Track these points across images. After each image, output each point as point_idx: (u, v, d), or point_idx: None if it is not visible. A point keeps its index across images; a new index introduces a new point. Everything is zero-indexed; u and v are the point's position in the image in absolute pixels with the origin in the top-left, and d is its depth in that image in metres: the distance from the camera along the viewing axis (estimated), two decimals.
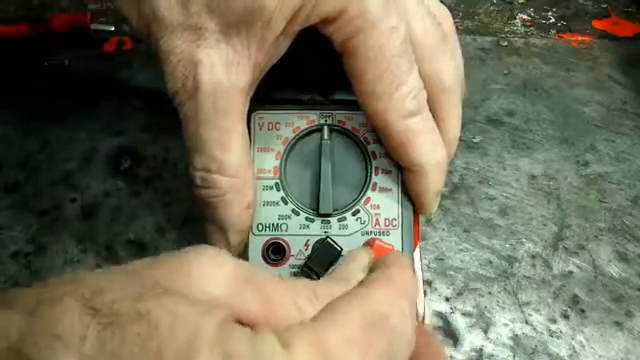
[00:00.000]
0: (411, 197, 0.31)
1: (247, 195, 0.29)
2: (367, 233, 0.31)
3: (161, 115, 0.47)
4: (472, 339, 0.38)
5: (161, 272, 0.20)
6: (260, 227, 0.31)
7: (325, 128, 0.31)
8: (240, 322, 0.20)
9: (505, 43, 0.54)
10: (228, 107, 0.27)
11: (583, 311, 0.39)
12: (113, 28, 0.52)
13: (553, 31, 0.55)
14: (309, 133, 0.32)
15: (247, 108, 0.29)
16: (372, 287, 0.23)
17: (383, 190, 0.31)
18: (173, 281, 0.20)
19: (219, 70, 0.27)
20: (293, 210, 0.31)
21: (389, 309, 0.22)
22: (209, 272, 0.21)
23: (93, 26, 0.51)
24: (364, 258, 0.27)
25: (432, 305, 0.39)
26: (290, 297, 0.22)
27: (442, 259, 0.41)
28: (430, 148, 0.30)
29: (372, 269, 0.27)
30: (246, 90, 0.28)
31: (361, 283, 0.24)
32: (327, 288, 0.24)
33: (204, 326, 0.18)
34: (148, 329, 0.18)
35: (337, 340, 0.20)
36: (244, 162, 0.28)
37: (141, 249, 0.41)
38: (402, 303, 0.23)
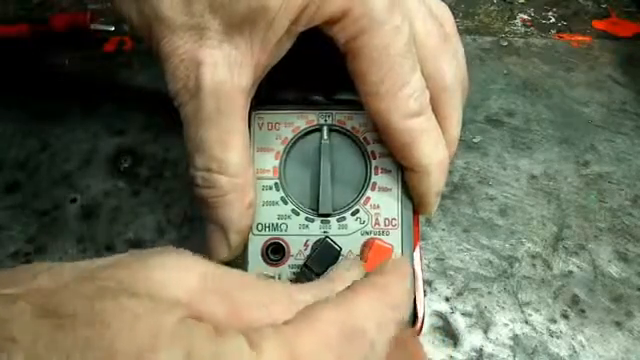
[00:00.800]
0: (412, 197, 0.31)
1: (248, 195, 0.29)
2: (367, 233, 0.31)
3: (161, 115, 0.47)
4: (472, 339, 0.38)
5: (123, 273, 0.20)
6: (260, 227, 0.31)
7: (324, 128, 0.31)
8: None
9: (505, 43, 0.54)
10: (230, 107, 0.27)
11: (583, 311, 0.39)
12: (113, 28, 0.52)
13: (553, 31, 0.55)
14: (309, 133, 0.32)
15: (248, 108, 0.29)
16: (356, 294, 0.23)
17: (383, 190, 0.31)
18: (135, 283, 0.20)
19: (222, 70, 0.27)
20: (293, 210, 0.31)
21: (369, 321, 0.22)
22: (173, 276, 0.20)
23: (93, 26, 0.51)
24: (357, 270, 0.27)
25: (432, 305, 0.39)
26: (261, 302, 0.22)
27: (442, 259, 0.41)
28: (432, 148, 0.30)
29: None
30: (248, 90, 0.28)
31: (347, 288, 0.24)
32: (308, 293, 0.23)
33: (164, 324, 0.18)
34: (100, 329, 0.18)
35: (309, 346, 0.20)
36: (245, 162, 0.28)
37: (141, 249, 0.41)
38: (386, 315, 0.23)
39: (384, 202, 0.31)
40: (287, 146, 0.32)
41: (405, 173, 0.31)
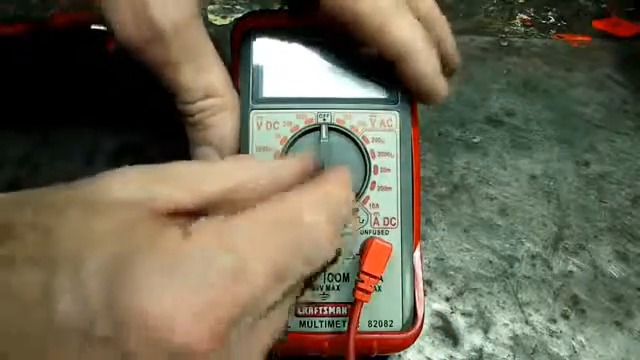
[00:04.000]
0: (415, 90, 0.31)
1: (236, 110, 0.30)
2: (366, 232, 0.31)
3: (162, 114, 0.47)
4: (472, 339, 0.38)
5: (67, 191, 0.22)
6: None
7: (323, 127, 0.31)
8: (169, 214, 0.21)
9: (505, 43, 0.54)
10: (193, 37, 0.28)
11: (583, 311, 0.39)
12: None
13: (553, 31, 0.55)
14: (307, 132, 0.32)
15: (203, 26, 0.29)
16: (295, 193, 0.23)
17: (382, 189, 0.31)
18: (80, 194, 0.21)
19: (171, 6, 0.27)
20: None
21: (309, 213, 0.22)
22: (114, 178, 0.22)
23: (93, 26, 0.51)
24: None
25: (432, 305, 0.39)
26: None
27: (442, 259, 0.41)
28: (409, 25, 0.29)
29: None
30: (199, 13, 0.28)
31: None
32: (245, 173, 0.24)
33: (95, 227, 0.19)
34: (43, 236, 0.19)
35: (242, 234, 0.21)
36: (227, 78, 0.29)
37: None
38: (326, 211, 0.23)
39: (383, 201, 0.31)
40: (286, 145, 0.31)
41: (398, 70, 0.30)
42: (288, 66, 0.32)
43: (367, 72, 0.32)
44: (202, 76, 0.28)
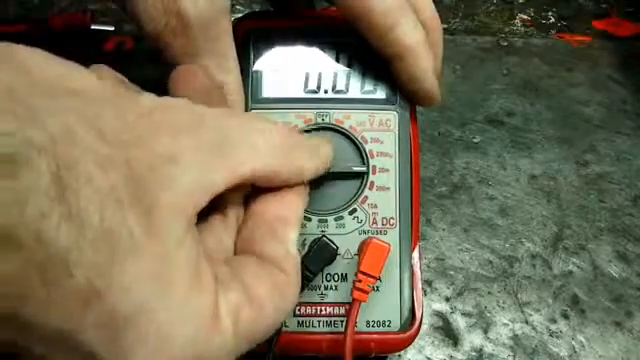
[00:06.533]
0: (414, 90, 0.31)
1: (242, 110, 0.30)
2: (364, 232, 0.31)
3: None
4: (472, 339, 0.38)
5: None
6: None
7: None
8: None
9: (505, 43, 0.54)
10: (219, 32, 0.28)
11: (583, 311, 0.39)
12: (113, 28, 0.52)
13: (553, 31, 0.55)
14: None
15: (231, 24, 0.29)
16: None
17: (380, 189, 0.31)
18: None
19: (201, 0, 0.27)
20: None
21: None
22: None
23: (93, 26, 0.51)
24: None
25: (432, 305, 0.39)
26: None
27: (442, 259, 0.41)
28: (413, 28, 0.30)
29: None
30: (228, 8, 0.28)
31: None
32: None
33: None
34: None
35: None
36: (240, 79, 0.29)
37: None
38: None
39: (382, 201, 0.31)
40: None
41: (396, 70, 0.30)
42: (287, 66, 0.32)
43: (366, 72, 0.32)
44: (220, 72, 0.28)
